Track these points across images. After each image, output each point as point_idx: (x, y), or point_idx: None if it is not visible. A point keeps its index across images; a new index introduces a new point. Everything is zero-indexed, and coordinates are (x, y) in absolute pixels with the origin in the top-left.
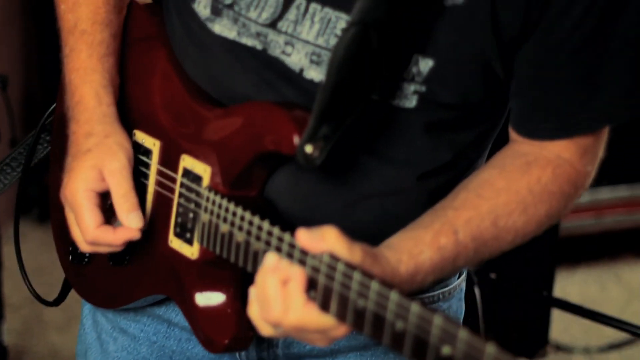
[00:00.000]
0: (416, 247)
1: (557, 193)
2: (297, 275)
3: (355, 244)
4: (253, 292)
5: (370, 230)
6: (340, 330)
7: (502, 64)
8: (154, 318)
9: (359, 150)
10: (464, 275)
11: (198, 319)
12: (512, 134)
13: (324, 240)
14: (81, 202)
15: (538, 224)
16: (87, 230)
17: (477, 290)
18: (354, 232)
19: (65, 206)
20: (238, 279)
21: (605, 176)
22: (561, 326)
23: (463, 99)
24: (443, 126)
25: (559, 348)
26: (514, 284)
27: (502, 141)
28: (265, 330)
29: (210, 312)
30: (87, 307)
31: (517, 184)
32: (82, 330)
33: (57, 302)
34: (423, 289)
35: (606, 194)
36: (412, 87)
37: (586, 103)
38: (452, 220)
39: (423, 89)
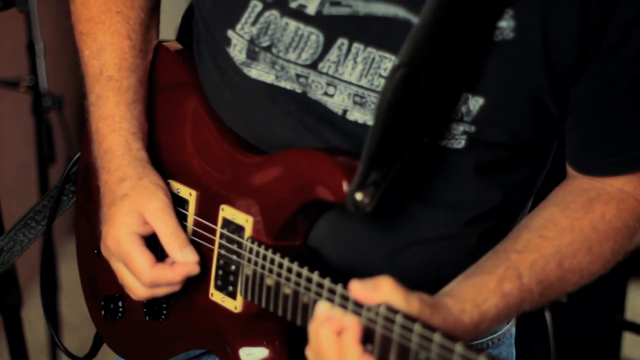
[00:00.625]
0: (480, 295)
1: (623, 229)
2: (351, 325)
3: (412, 293)
4: (309, 350)
5: (416, 277)
6: None
7: (556, 99)
8: None
9: (406, 195)
10: (513, 320)
11: None
12: (570, 171)
13: (379, 291)
14: (129, 246)
15: (604, 262)
16: (144, 272)
17: (547, 315)
18: (399, 279)
19: (111, 259)
20: (284, 332)
21: None
22: (631, 341)
23: (514, 138)
24: (493, 166)
25: None
26: (586, 306)
27: (551, 179)
28: None
29: None
30: None
31: (581, 223)
32: None
33: (87, 357)
34: None
35: None
36: (461, 127)
37: None
38: (516, 264)
39: (472, 129)
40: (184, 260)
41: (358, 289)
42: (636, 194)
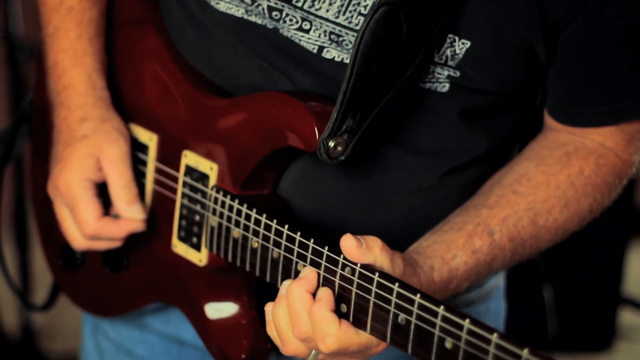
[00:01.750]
0: (449, 252)
1: (601, 185)
2: (325, 295)
3: (396, 254)
4: (276, 309)
5: (394, 233)
6: (380, 346)
7: (546, 46)
8: (163, 337)
9: (384, 142)
10: (502, 273)
11: (210, 331)
12: (550, 122)
13: (371, 252)
14: (78, 193)
15: (580, 220)
16: (87, 223)
17: (546, 292)
18: (375, 234)
19: (56, 200)
20: (252, 286)
21: None
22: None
23: (499, 86)
24: (477, 113)
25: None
26: (585, 281)
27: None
28: (292, 347)
29: (223, 323)
30: (88, 328)
31: (557, 178)
32: (85, 353)
33: (45, 307)
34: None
35: None
36: (445, 72)
37: (637, 86)
38: (487, 220)
39: (457, 73)
40: (130, 216)
41: (351, 245)
42: (617, 150)
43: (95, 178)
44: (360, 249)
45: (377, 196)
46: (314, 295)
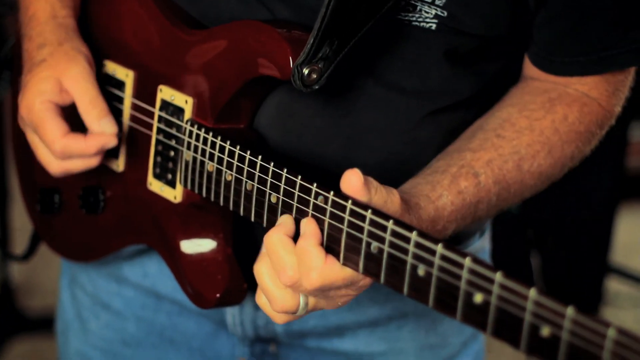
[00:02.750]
0: (434, 191)
1: (584, 133)
2: (309, 229)
3: (392, 193)
4: (259, 266)
5: (372, 175)
6: (367, 279)
7: None
8: (140, 291)
9: (365, 78)
10: (487, 235)
11: (185, 270)
12: (532, 71)
13: (370, 193)
14: (41, 114)
15: (562, 167)
16: (54, 141)
17: (533, 260)
18: None
19: (26, 130)
20: (228, 222)
21: None
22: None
23: (487, 29)
24: (463, 55)
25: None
26: (573, 248)
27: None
28: (280, 303)
29: (198, 261)
30: (65, 281)
31: (541, 123)
32: (61, 306)
33: (26, 256)
34: None
35: None
36: (433, 11)
37: (625, 35)
38: (471, 163)
39: (445, 13)
40: (100, 130)
41: (358, 182)
42: (601, 100)
43: (58, 100)
44: (365, 188)
45: (357, 135)
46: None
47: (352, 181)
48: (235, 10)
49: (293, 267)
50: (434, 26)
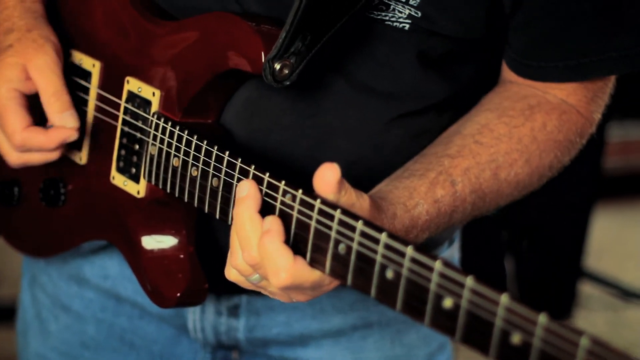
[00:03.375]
0: (411, 199)
1: (564, 142)
2: (275, 226)
3: (362, 196)
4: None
5: None
6: (333, 283)
7: None
8: (101, 293)
9: (335, 77)
10: (455, 244)
11: (145, 267)
12: (509, 75)
13: (341, 194)
14: (4, 103)
15: (540, 177)
16: (14, 134)
17: (507, 263)
18: None
19: None
20: (191, 220)
21: None
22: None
23: (462, 31)
24: (436, 57)
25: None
26: (547, 252)
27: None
28: (242, 268)
29: (159, 258)
30: (26, 279)
31: (520, 131)
32: (22, 306)
33: None
34: None
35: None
36: (406, 11)
37: (607, 42)
38: (449, 170)
39: (419, 14)
40: (61, 124)
41: (333, 178)
42: (580, 107)
43: (23, 88)
44: (338, 186)
45: (324, 136)
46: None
47: (327, 176)
48: (204, 2)
49: (254, 255)
50: (407, 26)
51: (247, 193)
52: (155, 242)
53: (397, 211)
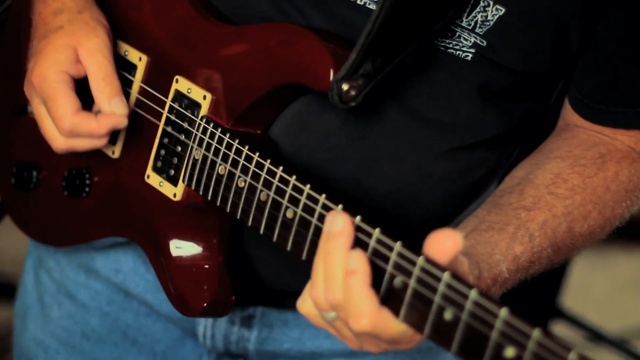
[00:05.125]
0: (493, 257)
1: (633, 191)
2: (361, 265)
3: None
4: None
5: (379, 206)
6: (413, 342)
7: (583, 28)
8: (109, 286)
9: (389, 101)
10: None
11: (171, 272)
12: (572, 118)
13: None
14: (54, 86)
15: (610, 227)
16: (64, 118)
17: None
18: (362, 202)
19: (33, 99)
20: (224, 230)
21: None
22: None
23: (525, 64)
24: (496, 91)
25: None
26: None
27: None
28: (320, 303)
29: (188, 266)
30: (31, 260)
31: (593, 181)
32: (23, 287)
33: None
34: None
35: None
36: (472, 39)
37: None
38: (527, 224)
39: (484, 43)
40: (111, 110)
41: (453, 249)
42: None
43: (73, 71)
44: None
45: (371, 161)
46: None
47: (447, 245)
48: (267, 12)
49: (339, 295)
50: (469, 57)
51: (341, 229)
52: (184, 248)
53: (482, 272)
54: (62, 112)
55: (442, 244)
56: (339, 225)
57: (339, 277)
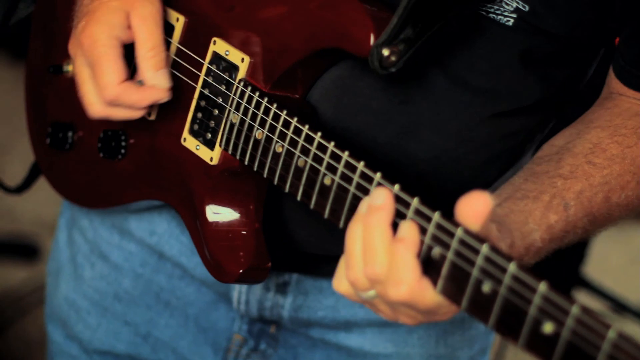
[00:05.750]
0: (526, 225)
1: None
2: (411, 235)
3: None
4: (355, 227)
5: (420, 170)
6: (450, 313)
7: None
8: (143, 247)
9: (431, 66)
10: None
11: (207, 238)
12: (616, 86)
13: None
14: (104, 50)
15: None
16: (108, 86)
17: None
18: (401, 167)
19: (78, 59)
20: (261, 195)
21: None
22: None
23: (568, 29)
24: (537, 58)
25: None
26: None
27: None
28: (355, 277)
29: (224, 231)
30: (65, 219)
31: (633, 151)
32: (56, 246)
33: (20, 189)
34: None
35: None
36: (514, 4)
37: None
38: (562, 192)
39: (526, 8)
40: (154, 83)
41: (484, 210)
42: None
43: (124, 36)
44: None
45: (411, 126)
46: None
47: (478, 206)
48: None
49: (383, 266)
50: (511, 22)
51: (382, 203)
52: (221, 214)
53: (515, 240)
54: (107, 80)
55: (474, 206)
56: (379, 199)
57: (380, 251)
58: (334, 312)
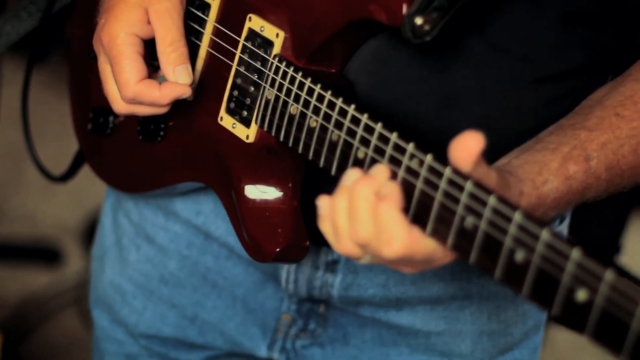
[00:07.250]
0: (540, 175)
1: None
2: (393, 192)
3: (492, 171)
4: (337, 200)
5: None
6: (447, 258)
7: None
8: (189, 228)
9: (469, 33)
10: (566, 221)
11: (245, 217)
12: None
13: (478, 166)
14: (122, 48)
15: None
16: (127, 84)
17: None
18: (444, 138)
19: (100, 55)
20: (299, 173)
21: None
22: None
23: None
24: (580, 19)
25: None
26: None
27: None
28: (347, 247)
29: (261, 209)
30: (110, 203)
31: None
32: (101, 230)
33: (64, 177)
34: None
35: None
36: None
37: None
38: (584, 144)
39: None
40: (175, 79)
41: (475, 149)
42: None
43: (143, 33)
44: (479, 157)
45: (453, 94)
46: None
47: (469, 145)
48: None
49: (368, 230)
50: None
51: (374, 173)
52: (258, 192)
53: (524, 188)
54: (126, 78)
55: (465, 146)
56: (353, 177)
57: (364, 215)
58: (384, 290)
